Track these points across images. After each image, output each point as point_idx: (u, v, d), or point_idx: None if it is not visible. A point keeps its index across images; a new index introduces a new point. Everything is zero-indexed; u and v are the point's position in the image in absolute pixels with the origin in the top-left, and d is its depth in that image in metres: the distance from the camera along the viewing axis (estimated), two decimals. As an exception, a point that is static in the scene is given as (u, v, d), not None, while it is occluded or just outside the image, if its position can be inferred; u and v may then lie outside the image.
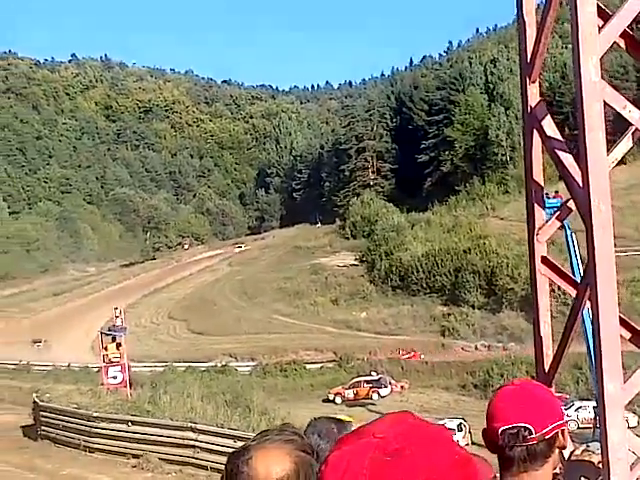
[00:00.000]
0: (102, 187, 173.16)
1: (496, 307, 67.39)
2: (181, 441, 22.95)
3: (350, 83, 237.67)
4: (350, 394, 53.73)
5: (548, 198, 15.31)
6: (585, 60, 4.66)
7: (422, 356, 75.96)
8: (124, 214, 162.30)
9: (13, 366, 64.98)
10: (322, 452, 3.50)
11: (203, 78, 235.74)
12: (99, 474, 23.64)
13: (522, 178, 6.10)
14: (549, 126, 5.55)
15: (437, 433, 1.51)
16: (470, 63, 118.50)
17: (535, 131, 5.62)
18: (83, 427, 26.66)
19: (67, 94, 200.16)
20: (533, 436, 2.40)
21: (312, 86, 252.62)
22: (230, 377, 57.33)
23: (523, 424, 2.40)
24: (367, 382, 54.55)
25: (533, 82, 5.66)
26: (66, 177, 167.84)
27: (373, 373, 56.50)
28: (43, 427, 29.92)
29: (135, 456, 24.18)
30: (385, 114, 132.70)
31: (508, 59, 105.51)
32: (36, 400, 31.90)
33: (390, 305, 76.21)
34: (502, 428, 2.42)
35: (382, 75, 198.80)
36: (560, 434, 2.49)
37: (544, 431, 2.42)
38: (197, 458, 22.34)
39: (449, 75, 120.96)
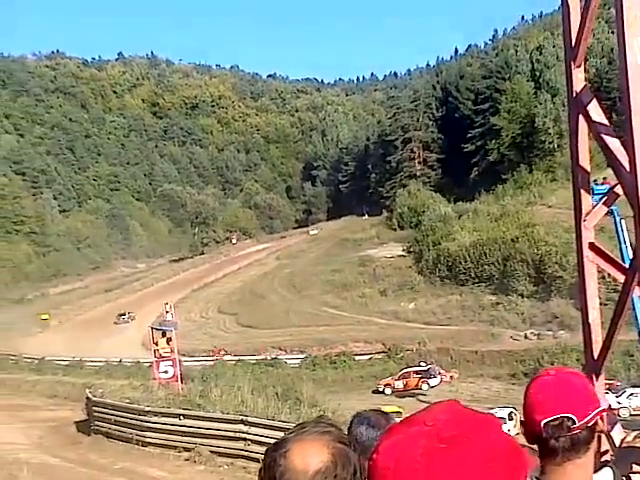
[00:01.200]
0: (150, 184, 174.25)
1: (545, 295, 66.84)
2: (232, 434, 22.95)
3: (395, 74, 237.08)
4: (400, 385, 53.64)
5: (596, 185, 15.19)
6: (630, 43, 4.64)
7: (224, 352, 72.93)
8: (172, 210, 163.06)
9: (66, 362, 65.54)
10: (371, 442, 3.55)
11: (248, 73, 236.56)
12: (152, 468, 23.77)
13: (569, 165, 6.07)
14: (595, 111, 5.52)
15: (487, 420, 1.52)
16: (516, 51, 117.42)
17: (581, 116, 5.60)
18: (135, 421, 26.82)
19: (114, 92, 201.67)
20: (576, 425, 2.41)
21: (357, 78, 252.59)
22: (280, 370, 57.62)
23: (566, 414, 2.41)
24: (416, 373, 54.40)
25: (578, 67, 5.64)
26: (115, 174, 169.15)
27: (422, 363, 56.34)
28: (96, 422, 30.16)
29: (187, 449, 24.27)
30: (431, 104, 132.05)
31: (554, 46, 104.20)
32: (89, 395, 32.20)
33: (438, 295, 75.95)
34: (545, 420, 2.42)
35: (427, 65, 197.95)
36: (600, 420, 2.49)
37: (586, 419, 2.42)
38: (248, 451, 22.30)
39: (495, 63, 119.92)
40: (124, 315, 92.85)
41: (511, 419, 35.64)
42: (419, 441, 1.44)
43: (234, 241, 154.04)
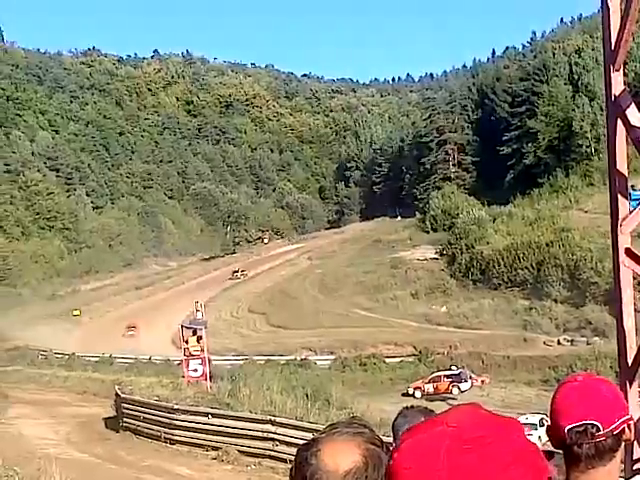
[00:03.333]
0: (183, 182, 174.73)
1: (579, 301, 66.30)
2: (260, 434, 22.99)
3: (431, 75, 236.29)
4: (430, 388, 53.37)
5: (634, 190, 14.90)
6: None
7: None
8: (205, 208, 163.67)
9: (96, 359, 65.82)
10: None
11: (283, 72, 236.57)
12: (180, 466, 23.84)
13: (606, 169, 5.91)
14: (634, 115, 5.36)
15: (509, 424, 1.53)
16: (554, 53, 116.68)
17: (619, 120, 5.43)
18: (164, 419, 26.90)
19: (149, 90, 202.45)
20: (601, 432, 2.32)
21: (392, 79, 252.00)
22: (309, 371, 57.40)
23: (590, 421, 2.32)
24: (447, 376, 54.10)
25: (617, 70, 5.48)
26: (148, 172, 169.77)
27: (453, 367, 56.01)
28: (125, 419, 30.27)
29: (215, 448, 24.32)
30: (467, 106, 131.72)
31: (593, 49, 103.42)
32: (118, 392, 32.29)
33: (471, 299, 75.55)
34: (569, 426, 2.34)
35: (464, 67, 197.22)
36: (627, 428, 2.39)
37: (612, 427, 2.34)
38: (276, 451, 22.35)
39: (532, 66, 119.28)
40: (237, 272, 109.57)
41: (542, 425, 35.19)
42: (442, 441, 1.45)
43: (266, 241, 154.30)
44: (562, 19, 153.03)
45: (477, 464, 1.41)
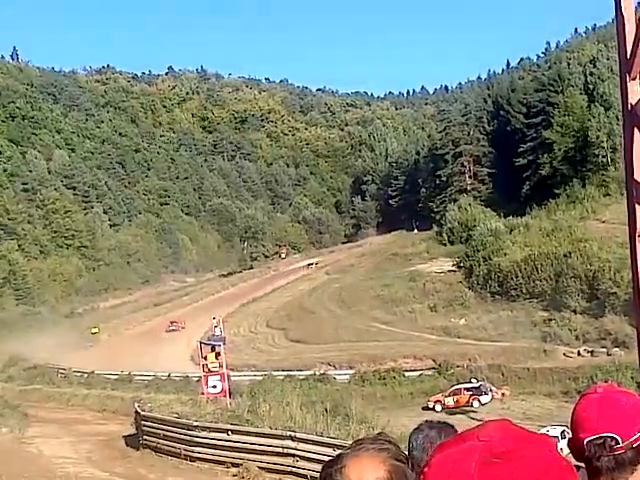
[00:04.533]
0: (199, 198, 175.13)
1: (599, 312, 65.90)
2: (280, 450, 22.87)
3: (446, 87, 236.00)
4: (450, 402, 53.10)
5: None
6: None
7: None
8: (221, 224, 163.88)
9: (115, 376, 65.77)
10: (417, 447, 3.42)
11: (298, 87, 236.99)
12: (200, 483, 23.78)
13: (623, 179, 5.82)
14: (651, 124, 5.29)
15: (540, 439, 1.52)
16: (569, 64, 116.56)
17: (635, 129, 5.36)
18: (184, 436, 26.80)
19: (164, 106, 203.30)
20: (620, 445, 2.29)
21: (407, 91, 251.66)
22: (329, 385, 57.30)
23: (609, 434, 2.29)
24: (467, 389, 53.85)
25: (633, 79, 5.41)
26: (164, 189, 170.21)
27: (473, 380, 55.74)
28: (145, 436, 30.18)
29: (235, 465, 24.20)
30: (482, 118, 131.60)
31: (608, 58, 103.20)
32: (138, 410, 32.21)
33: (489, 311, 75.24)
34: (588, 439, 2.31)
35: (479, 78, 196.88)
36: None
37: (631, 439, 2.30)
38: (297, 467, 22.23)
39: (547, 77, 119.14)
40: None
41: (564, 437, 34.92)
42: (472, 455, 1.44)
43: (283, 255, 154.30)
44: (576, 29, 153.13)
45: (506, 477, 1.40)
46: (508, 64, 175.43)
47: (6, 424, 37.26)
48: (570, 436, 2.45)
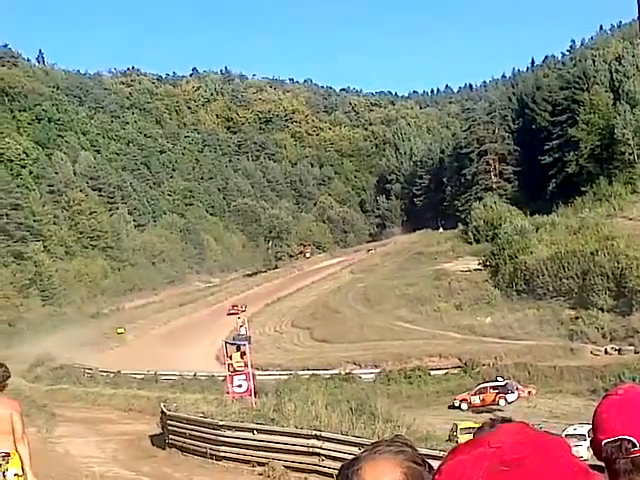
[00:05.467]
0: (224, 198, 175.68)
1: (626, 309, 65.35)
2: (306, 449, 22.72)
3: (470, 86, 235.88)
4: (476, 400, 52.84)
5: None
6: None
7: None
8: (246, 224, 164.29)
9: (141, 376, 65.84)
10: None
11: (322, 87, 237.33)
12: (226, 482, 23.68)
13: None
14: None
15: (555, 444, 1.49)
16: (594, 61, 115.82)
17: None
18: (210, 435, 26.70)
19: (189, 108, 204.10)
20: (637, 448, 2.22)
21: (432, 90, 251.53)
22: (354, 384, 57.14)
23: (626, 436, 2.23)
24: (493, 388, 53.57)
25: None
26: (189, 189, 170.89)
27: (499, 379, 55.43)
28: (171, 436, 30.11)
29: (260, 464, 24.05)
30: (507, 116, 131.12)
31: (634, 55, 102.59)
32: (164, 409, 32.15)
33: (515, 310, 74.76)
34: (605, 440, 2.26)
35: (503, 77, 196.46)
36: None
37: None
38: (322, 466, 22.05)
39: (572, 74, 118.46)
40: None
41: (590, 436, 34.72)
42: (482, 463, 1.42)
43: (308, 255, 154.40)
44: (601, 26, 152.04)
45: None
46: (533, 62, 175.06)
47: (33, 424, 37.15)
48: (592, 437, 2.38)
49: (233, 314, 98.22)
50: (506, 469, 1.39)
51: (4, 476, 8.43)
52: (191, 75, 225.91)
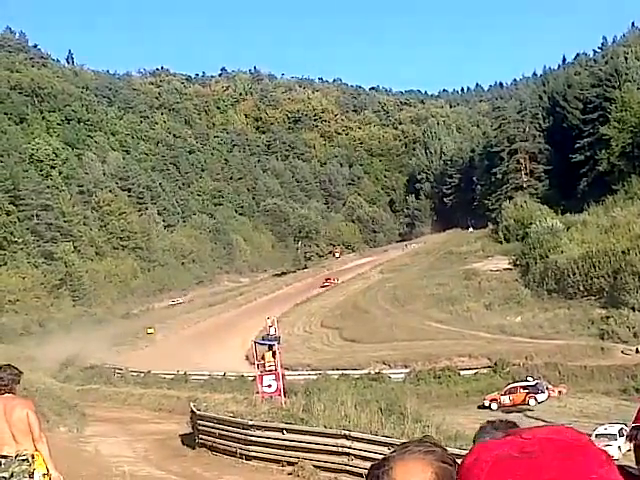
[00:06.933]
0: (253, 198, 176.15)
1: (658, 309, 64.88)
2: (335, 449, 22.68)
3: (501, 84, 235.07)
4: (506, 400, 52.53)
5: None
6: None
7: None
8: (275, 224, 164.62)
9: (171, 376, 66.09)
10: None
11: (351, 86, 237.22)
12: (255, 481, 23.69)
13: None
14: None
15: (587, 453, 1.41)
16: (626, 58, 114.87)
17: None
18: (239, 435, 26.72)
19: (218, 108, 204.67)
20: None
21: (462, 89, 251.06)
22: (383, 384, 56.99)
23: None
24: (523, 388, 53.23)
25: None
26: (218, 189, 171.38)
27: (529, 378, 55.10)
28: (201, 435, 30.17)
29: (290, 463, 24.05)
30: (537, 114, 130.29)
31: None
32: (193, 409, 32.22)
33: (546, 309, 74.29)
34: (633, 425, 2.14)
35: (534, 74, 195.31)
36: None
37: None
38: (351, 465, 22.02)
39: (604, 72, 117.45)
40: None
41: (622, 435, 34.44)
42: (503, 448, 1.42)
43: (337, 255, 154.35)
44: (633, 23, 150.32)
45: (517, 473, 1.36)
46: (564, 59, 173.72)
47: (64, 423, 37.43)
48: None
49: (326, 287, 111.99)
50: (517, 457, 1.38)
51: (32, 476, 8.44)
52: (220, 75, 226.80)
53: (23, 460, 8.48)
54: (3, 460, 8.52)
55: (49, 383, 57.15)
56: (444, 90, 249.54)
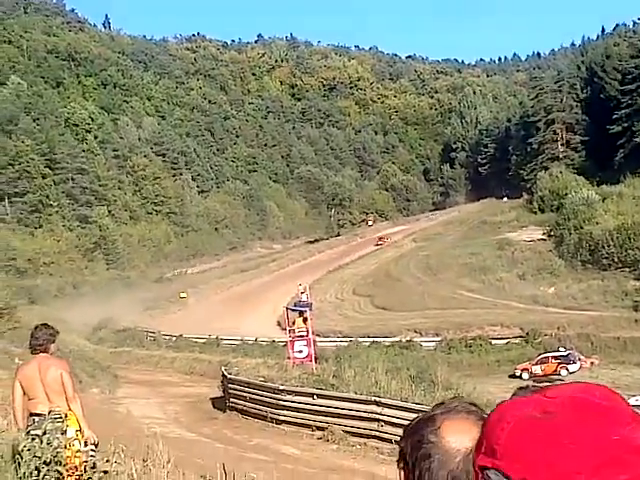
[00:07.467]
0: (287, 165, 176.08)
1: (692, 281, 64.45)
2: (365, 414, 22.81)
3: (538, 54, 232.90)
4: (538, 370, 52.34)
5: None
6: None
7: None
8: (309, 192, 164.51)
9: (203, 340, 66.35)
10: None
11: (387, 54, 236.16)
12: (285, 445, 23.77)
13: None
14: None
15: (611, 412, 1.30)
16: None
17: None
18: (270, 399, 26.89)
19: (253, 74, 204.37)
20: None
21: (499, 58, 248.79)
22: (414, 352, 56.93)
23: None
24: (555, 358, 52.99)
25: None
26: (252, 156, 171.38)
27: (561, 349, 54.85)
28: (231, 399, 30.36)
29: (320, 428, 24.20)
30: (575, 85, 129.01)
31: None
32: (225, 373, 32.38)
33: (579, 280, 73.88)
34: None
35: (572, 45, 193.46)
36: None
37: None
38: (381, 431, 22.13)
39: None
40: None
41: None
42: (526, 407, 1.35)
43: (370, 223, 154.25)
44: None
45: (535, 434, 1.28)
46: (603, 30, 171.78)
47: (97, 385, 37.87)
48: None
49: (379, 245, 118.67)
50: (539, 417, 1.31)
51: (65, 433, 8.53)
52: (256, 42, 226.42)
53: (56, 418, 8.59)
54: (37, 418, 8.64)
55: (82, 345, 57.85)
56: (481, 59, 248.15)
